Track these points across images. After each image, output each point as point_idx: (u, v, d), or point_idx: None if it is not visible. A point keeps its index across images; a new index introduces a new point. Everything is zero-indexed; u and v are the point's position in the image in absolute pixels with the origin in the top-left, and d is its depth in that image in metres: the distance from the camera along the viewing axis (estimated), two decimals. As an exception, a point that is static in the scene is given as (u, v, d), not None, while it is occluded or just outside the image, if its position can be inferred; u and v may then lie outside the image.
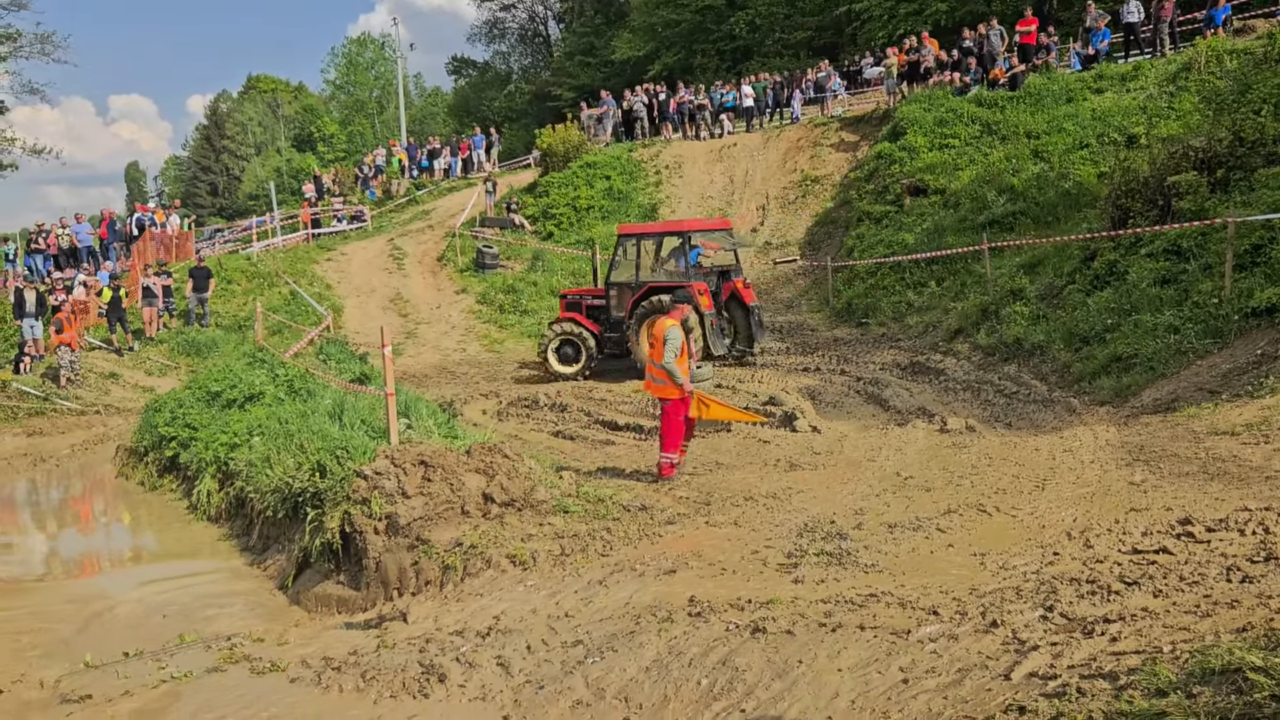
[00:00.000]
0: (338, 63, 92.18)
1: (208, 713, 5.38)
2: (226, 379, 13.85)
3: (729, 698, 4.62)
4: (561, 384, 17.67)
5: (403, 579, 7.51)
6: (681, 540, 7.38)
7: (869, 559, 6.45)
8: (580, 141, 31.17)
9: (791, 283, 23.39)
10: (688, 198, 28.43)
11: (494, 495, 8.12)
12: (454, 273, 27.29)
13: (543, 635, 5.73)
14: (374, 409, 10.44)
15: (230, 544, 10.41)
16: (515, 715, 4.94)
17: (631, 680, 5.00)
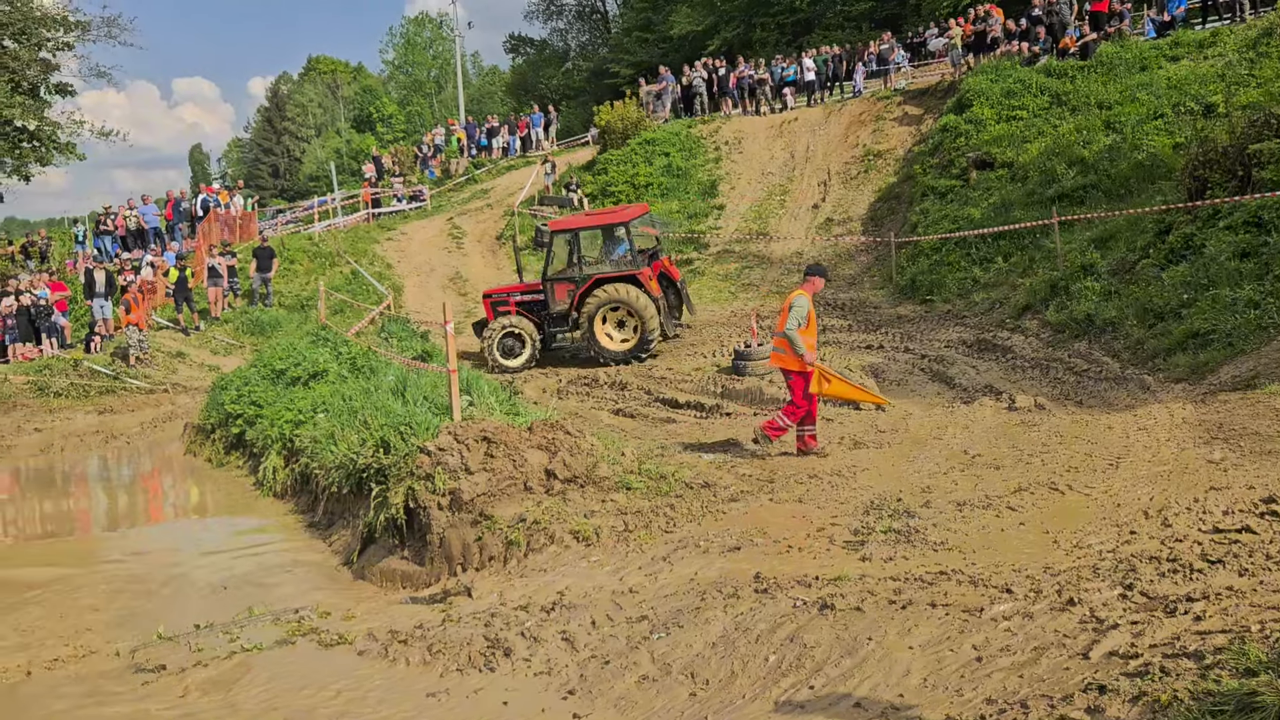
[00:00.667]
0: (396, 43, 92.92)
1: (278, 684, 5.48)
2: (290, 357, 14.05)
3: (797, 674, 4.58)
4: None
5: (466, 554, 7.57)
6: (745, 517, 7.34)
7: (938, 537, 6.35)
8: (639, 118, 31.04)
9: (853, 260, 23.12)
10: (747, 174, 28.21)
11: (556, 471, 8.14)
12: (513, 251, 27.31)
13: (607, 611, 5.74)
14: (436, 386, 10.51)
15: (296, 519, 10.58)
16: (581, 689, 4.95)
17: (698, 656, 4.99)
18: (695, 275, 24.15)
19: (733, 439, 11.00)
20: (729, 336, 18.92)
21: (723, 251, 25.01)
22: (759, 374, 15.24)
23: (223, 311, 23.41)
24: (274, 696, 5.26)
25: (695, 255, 25.01)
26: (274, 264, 24.14)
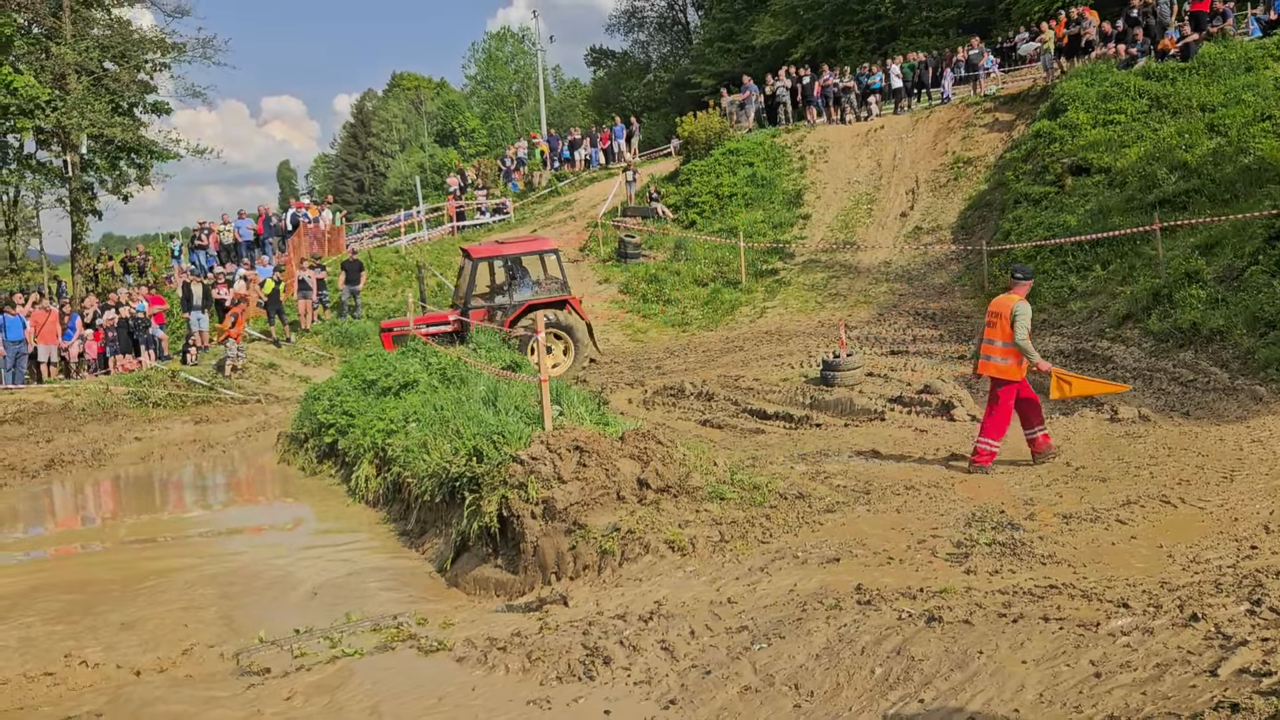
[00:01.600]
0: (478, 58, 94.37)
1: (380, 690, 5.55)
2: (381, 367, 14.31)
3: (905, 687, 4.51)
4: (708, 372, 17.67)
5: (560, 563, 7.61)
6: (843, 528, 7.27)
7: (1045, 550, 6.22)
8: (722, 128, 31.05)
9: (944, 268, 22.80)
10: (833, 183, 28.03)
11: (649, 481, 8.15)
12: (596, 263, 27.57)
13: (706, 621, 5.72)
14: (526, 396, 10.62)
15: (389, 527, 10.74)
16: (682, 699, 4.94)
17: (801, 667, 4.95)
18: (781, 285, 24.07)
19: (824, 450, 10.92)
20: (816, 347, 18.80)
21: (808, 261, 24.87)
22: (848, 385, 15.10)
23: (312, 324, 23.95)
24: (378, 702, 5.34)
25: (780, 265, 24.90)
26: (362, 277, 24.62)
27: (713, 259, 25.86)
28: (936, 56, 31.48)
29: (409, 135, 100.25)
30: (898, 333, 19.49)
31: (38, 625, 8.19)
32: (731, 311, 23.40)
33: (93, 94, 29.87)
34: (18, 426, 18.34)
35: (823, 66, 32.86)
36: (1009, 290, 9.87)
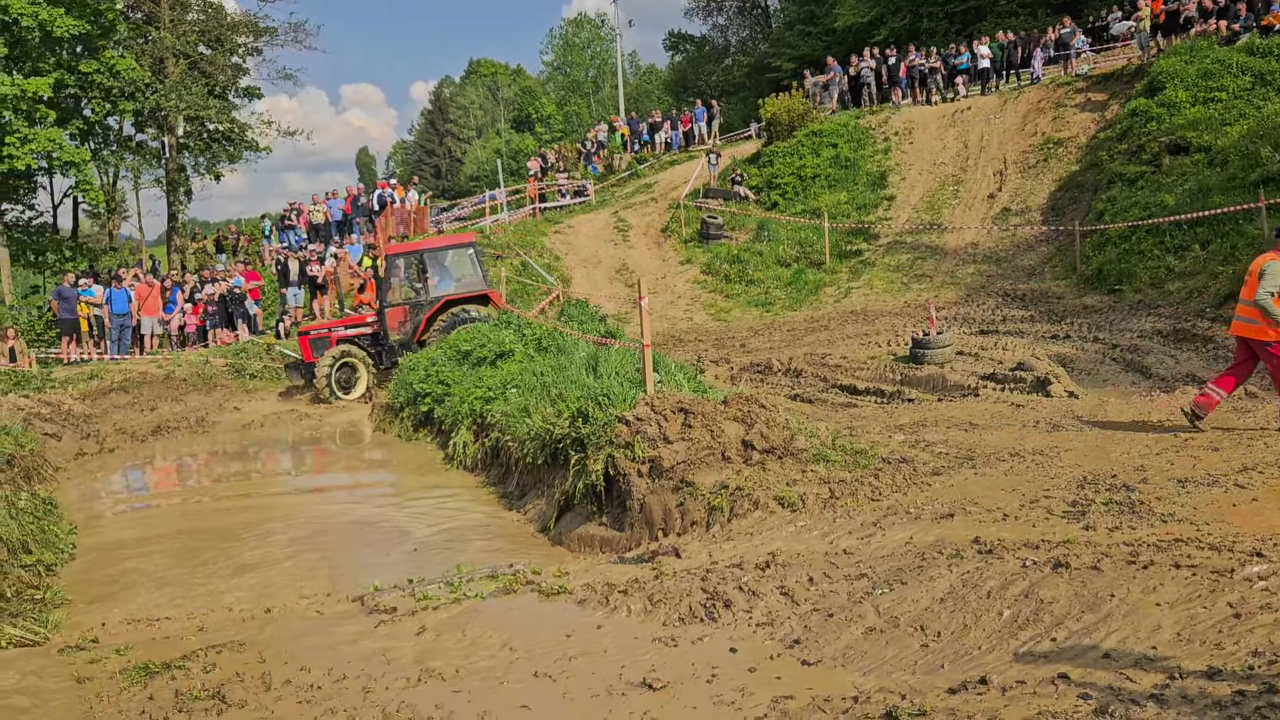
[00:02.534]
0: (555, 44, 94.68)
1: (508, 627, 5.75)
2: (476, 339, 14.59)
3: (1035, 627, 4.57)
4: (793, 351, 17.69)
5: (668, 520, 7.75)
6: (952, 489, 7.29)
7: (1164, 509, 6.19)
8: (805, 110, 30.88)
9: (1033, 250, 22.49)
10: (918, 164, 27.75)
11: (754, 442, 8.25)
12: (678, 244, 27.67)
13: (823, 569, 5.81)
14: (624, 363, 10.78)
15: (488, 490, 10.99)
16: (806, 639, 5.04)
17: (925, 610, 5.02)
18: (865, 266, 23.95)
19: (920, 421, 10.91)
20: (903, 327, 18.69)
21: (893, 243, 24.70)
22: (939, 362, 15.02)
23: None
24: (508, 638, 5.52)
25: (865, 246, 24.78)
26: (448, 255, 24.99)
27: (795, 240, 25.82)
28: (1025, 37, 30.94)
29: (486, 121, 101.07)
30: (986, 313, 19.29)
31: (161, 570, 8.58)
32: (815, 292, 23.35)
33: (189, 77, 30.71)
34: (124, 395, 19.02)
35: (909, 47, 32.44)
36: (1274, 250, 9.15)
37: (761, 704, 4.37)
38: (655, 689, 4.66)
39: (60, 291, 21.67)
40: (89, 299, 21.44)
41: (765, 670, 4.77)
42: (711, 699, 4.52)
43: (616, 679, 4.84)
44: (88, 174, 29.01)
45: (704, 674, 4.79)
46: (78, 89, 29.21)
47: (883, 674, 4.56)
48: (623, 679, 4.83)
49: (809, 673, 4.70)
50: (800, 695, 4.41)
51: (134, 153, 33.31)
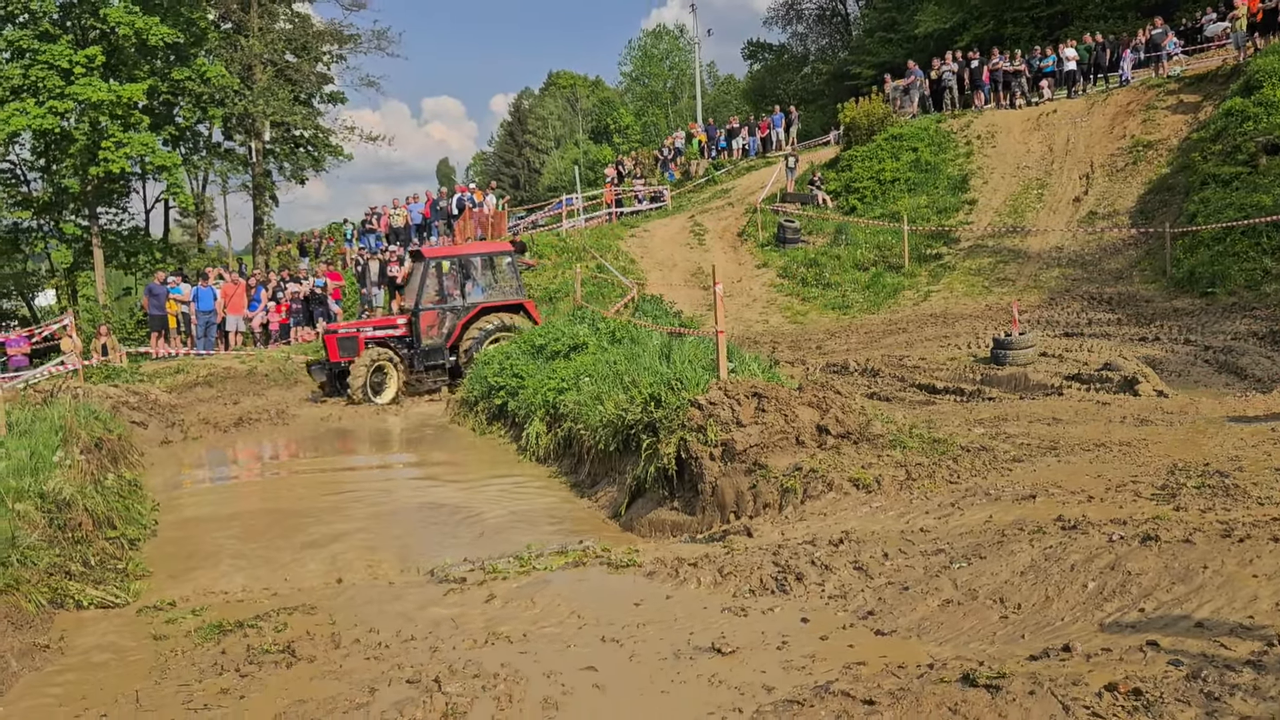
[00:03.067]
0: (634, 55, 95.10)
1: (577, 596, 5.71)
2: (550, 333, 14.64)
3: (1122, 599, 4.39)
4: (870, 352, 17.46)
5: (739, 502, 7.65)
6: (1034, 475, 7.07)
7: (1260, 493, 5.92)
8: (885, 114, 30.53)
9: (1120, 253, 21.90)
10: (1001, 168, 27.23)
11: (829, 427, 8.12)
12: (754, 247, 27.52)
13: (899, 545, 5.67)
14: (698, 352, 10.70)
15: (559, 480, 10.99)
16: (880, 610, 4.92)
17: (1005, 583, 4.86)
18: (945, 270, 23.57)
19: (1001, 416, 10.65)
20: (984, 330, 18.35)
21: (974, 246, 24.27)
22: (1021, 364, 14.70)
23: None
24: (577, 607, 5.48)
25: (945, 250, 24.39)
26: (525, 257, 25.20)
27: (874, 243, 25.52)
28: (1114, 39, 30.23)
29: (564, 132, 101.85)
30: (1071, 316, 18.84)
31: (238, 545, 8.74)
32: (894, 295, 23.04)
33: (276, 84, 31.46)
34: (208, 389, 19.49)
35: (992, 50, 31.89)
36: None
37: (833, 669, 4.26)
38: (724, 653, 4.57)
39: (151, 289, 22.32)
40: (177, 296, 22.01)
41: (837, 639, 4.66)
42: (780, 663, 4.42)
43: (684, 644, 4.76)
44: (178, 177, 29.84)
45: (774, 641, 4.69)
46: (170, 95, 30.10)
47: (960, 644, 4.41)
48: (691, 644, 4.75)
49: (882, 641, 4.57)
50: (873, 662, 4.29)
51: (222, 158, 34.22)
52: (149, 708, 4.57)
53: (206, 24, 29.99)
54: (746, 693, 4.16)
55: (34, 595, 6.03)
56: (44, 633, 5.76)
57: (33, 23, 26.79)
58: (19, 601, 5.84)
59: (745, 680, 4.29)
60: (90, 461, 11.32)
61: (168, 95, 30.23)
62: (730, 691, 4.19)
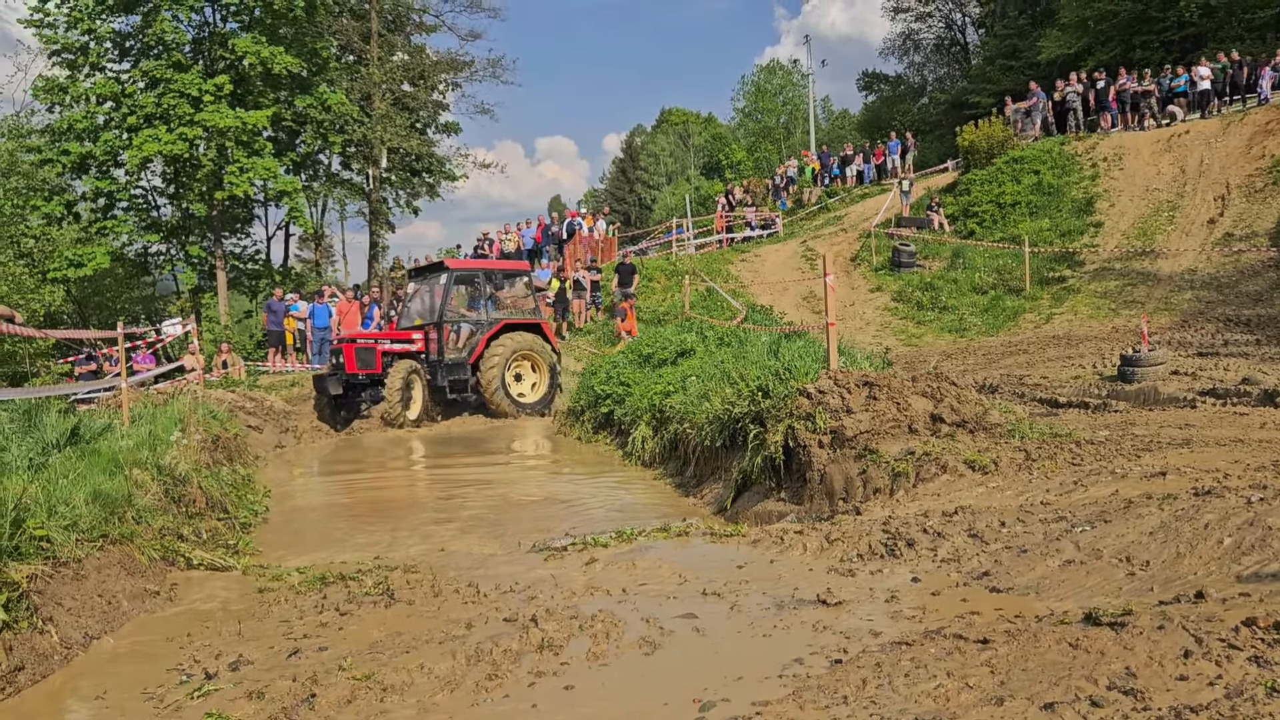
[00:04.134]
0: (746, 91, 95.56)
1: (679, 562, 5.65)
2: (657, 342, 14.67)
3: (1262, 552, 4.13)
4: (988, 372, 17.01)
5: (849, 488, 7.48)
6: (1162, 460, 6.75)
7: None
8: (1005, 137, 30.01)
9: (1260, 275, 20.98)
10: (1129, 190, 26.44)
11: (943, 416, 7.91)
12: (868, 272, 27.23)
13: (1017, 516, 5.46)
14: (806, 349, 10.59)
15: (665, 481, 10.94)
16: (995, 571, 4.73)
17: (1132, 543, 4.63)
18: (1069, 293, 22.94)
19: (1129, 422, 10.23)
20: (1110, 351, 17.74)
21: (1101, 269, 23.55)
22: (1151, 380, 14.13)
23: (585, 323, 24.86)
24: (679, 568, 5.41)
25: (1069, 273, 23.74)
26: (634, 280, 25.36)
27: (993, 267, 24.99)
28: (1252, 60, 29.18)
29: (675, 168, 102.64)
30: (1205, 338, 18.09)
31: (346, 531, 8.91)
32: (1014, 318, 22.51)
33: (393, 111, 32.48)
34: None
35: (1119, 70, 31.07)
36: None
37: (944, 618, 4.11)
38: (829, 604, 4.45)
39: (270, 305, 23.13)
40: (295, 313, 22.75)
41: (949, 595, 4.50)
42: (888, 614, 4.29)
43: (788, 597, 4.66)
44: (299, 202, 30.98)
45: (882, 596, 4.56)
46: (293, 122, 31.33)
47: (1081, 599, 4.21)
48: (795, 597, 4.65)
49: (998, 597, 4.40)
50: (987, 613, 4.13)
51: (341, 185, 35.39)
52: (249, 638, 4.66)
53: (329, 54, 31.18)
54: (852, 637, 4.04)
55: (146, 549, 6.23)
56: (154, 582, 5.94)
57: (166, 53, 28.21)
58: (132, 552, 6.03)
59: (851, 627, 4.17)
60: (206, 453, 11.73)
61: (290, 123, 31.48)
62: (835, 635, 4.08)
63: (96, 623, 5.05)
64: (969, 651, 3.65)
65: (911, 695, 3.31)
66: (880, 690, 3.40)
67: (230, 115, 27.81)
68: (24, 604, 4.57)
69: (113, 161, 29.87)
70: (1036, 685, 3.22)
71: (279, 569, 6.24)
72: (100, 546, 5.71)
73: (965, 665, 3.52)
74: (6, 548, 4.72)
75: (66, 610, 4.94)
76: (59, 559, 5.17)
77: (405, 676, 3.90)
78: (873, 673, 3.56)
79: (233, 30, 29.88)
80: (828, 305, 9.27)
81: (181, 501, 8.13)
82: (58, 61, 29.46)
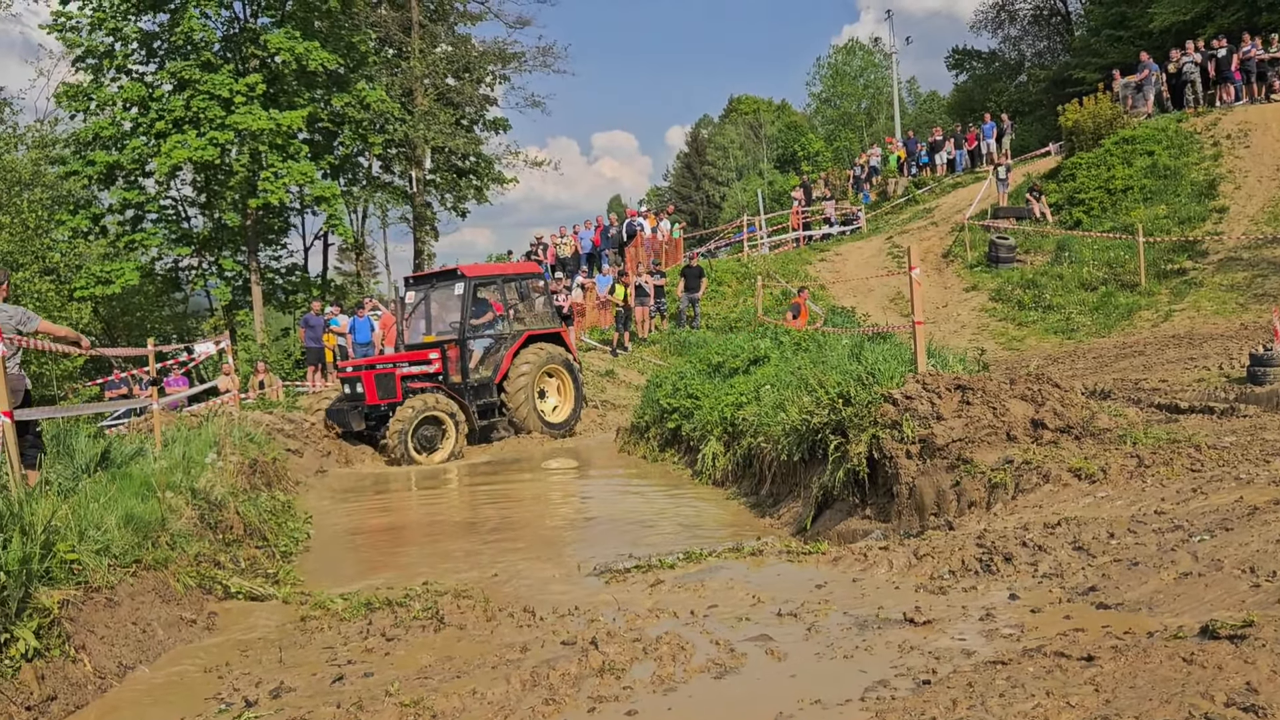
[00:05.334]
0: (823, 74, 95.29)
1: (751, 583, 5.71)
2: (729, 350, 14.71)
3: None
4: (1100, 377, 16.80)
5: (941, 503, 7.47)
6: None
7: None
8: (1114, 115, 29.58)
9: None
10: (1256, 170, 25.93)
11: (1045, 421, 7.86)
12: (962, 269, 27.06)
13: (1127, 527, 5.43)
14: (893, 352, 10.57)
15: (738, 501, 11.00)
16: (1104, 586, 4.70)
17: (1257, 552, 4.57)
18: (1190, 286, 22.57)
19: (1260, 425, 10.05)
20: (1238, 350, 17.40)
21: (1227, 259, 23.13)
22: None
23: (649, 333, 24.98)
24: (752, 589, 5.46)
25: (1189, 264, 23.35)
26: (702, 284, 25.45)
27: (1103, 260, 24.69)
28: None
29: (746, 162, 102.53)
30: (1348, 333, 17.65)
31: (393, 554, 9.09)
32: (1127, 316, 22.21)
33: (437, 107, 32.98)
34: (365, 423, 20.35)
35: (1244, 36, 30.46)
36: None
37: (1045, 636, 4.11)
38: (916, 624, 4.48)
39: (307, 320, 23.55)
40: (335, 329, 23.16)
41: (1051, 612, 4.49)
42: (982, 632, 4.30)
43: (872, 617, 4.69)
44: (338, 208, 31.59)
45: (976, 614, 4.57)
46: (330, 123, 31.99)
47: (1200, 613, 4.17)
48: (879, 616, 4.68)
49: (1105, 614, 4.37)
50: (1093, 630, 4.12)
51: (382, 190, 36.02)
52: (291, 665, 4.80)
53: (367, 48, 31.80)
54: (942, 657, 4.06)
55: (181, 576, 6.43)
56: (191, 610, 6.13)
57: (195, 53, 29.00)
58: (167, 579, 6.23)
59: (941, 647, 4.19)
60: (243, 479, 12.02)
61: (327, 123, 32.15)
62: (923, 656, 4.10)
63: (131, 652, 5.24)
64: (1071, 670, 3.65)
65: (1006, 716, 3.33)
66: (972, 711, 3.42)
67: (263, 117, 28.48)
68: (55, 631, 4.76)
69: (141, 170, 30.76)
70: (1146, 703, 3.21)
71: (322, 596, 6.40)
72: (133, 572, 5.91)
73: (1067, 684, 3.52)
74: (37, 572, 4.91)
75: (100, 638, 5.13)
76: (91, 585, 5.37)
77: (456, 702, 4.00)
78: (964, 693, 3.58)
79: (264, 26, 30.67)
80: (914, 302, 9.25)
81: (218, 528, 8.36)
82: (81, 66, 30.45)
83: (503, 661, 4.42)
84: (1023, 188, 30.70)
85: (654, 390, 15.55)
